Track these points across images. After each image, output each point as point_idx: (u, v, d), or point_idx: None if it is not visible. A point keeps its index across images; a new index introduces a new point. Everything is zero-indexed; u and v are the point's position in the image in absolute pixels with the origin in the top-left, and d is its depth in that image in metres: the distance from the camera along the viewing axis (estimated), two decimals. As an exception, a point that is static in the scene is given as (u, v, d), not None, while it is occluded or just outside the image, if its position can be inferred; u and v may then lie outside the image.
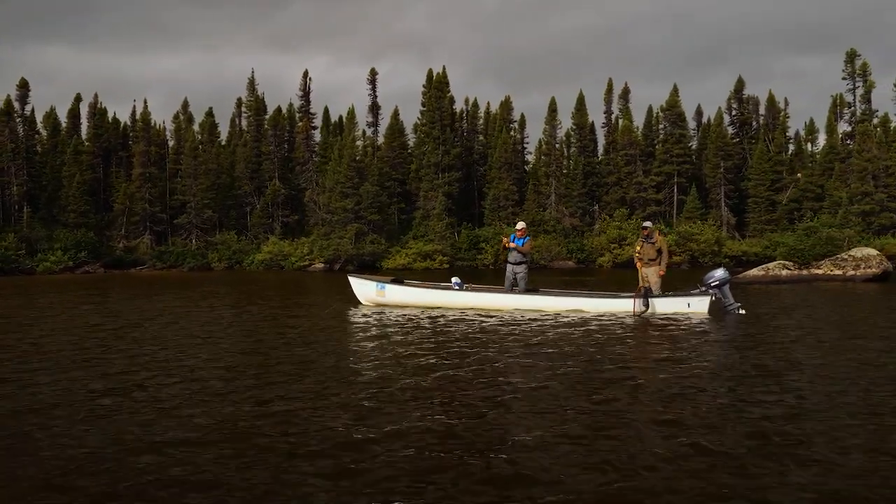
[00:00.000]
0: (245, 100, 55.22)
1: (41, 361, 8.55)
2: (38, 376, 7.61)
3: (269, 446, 5.08)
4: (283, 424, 5.64)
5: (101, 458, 4.82)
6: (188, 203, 48.62)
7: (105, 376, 7.61)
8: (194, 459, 4.79)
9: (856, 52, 48.07)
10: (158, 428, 5.56)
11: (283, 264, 44.75)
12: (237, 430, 5.51)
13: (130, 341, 10.31)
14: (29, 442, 5.24)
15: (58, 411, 6.09)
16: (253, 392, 6.82)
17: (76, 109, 54.78)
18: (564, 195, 49.92)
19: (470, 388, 6.99)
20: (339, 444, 5.12)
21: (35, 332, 11.41)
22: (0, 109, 46.69)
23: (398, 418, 5.82)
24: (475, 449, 5.02)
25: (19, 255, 39.72)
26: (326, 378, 7.47)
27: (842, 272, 25.27)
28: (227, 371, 7.92)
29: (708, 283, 13.82)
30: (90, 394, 6.76)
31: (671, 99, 50.79)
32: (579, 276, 32.50)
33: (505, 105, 55.55)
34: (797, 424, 5.57)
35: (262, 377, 7.57)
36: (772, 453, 4.87)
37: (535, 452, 4.92)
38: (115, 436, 5.36)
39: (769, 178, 48.12)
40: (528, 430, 5.46)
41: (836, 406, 6.14)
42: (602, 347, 9.49)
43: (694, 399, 6.49)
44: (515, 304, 14.52)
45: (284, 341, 10.33)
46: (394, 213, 50.44)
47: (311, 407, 6.21)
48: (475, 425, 5.63)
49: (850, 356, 8.64)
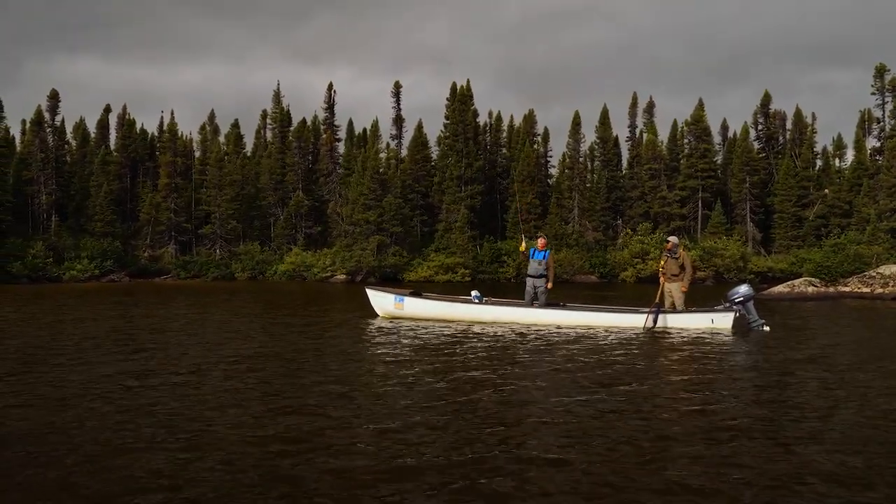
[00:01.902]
0: (270, 111, 55.70)
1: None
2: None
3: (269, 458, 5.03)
4: (283, 438, 5.59)
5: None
6: (213, 213, 49.03)
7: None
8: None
9: (885, 66, 47.41)
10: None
11: (305, 275, 44.92)
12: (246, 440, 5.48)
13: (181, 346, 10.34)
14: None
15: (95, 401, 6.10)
16: (256, 407, 6.79)
17: (105, 120, 55.51)
18: (587, 209, 49.67)
19: (482, 404, 6.89)
20: (343, 457, 5.05)
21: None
22: (31, 119, 47.48)
23: (404, 435, 5.74)
24: (482, 467, 4.93)
25: (47, 263, 40.24)
26: (333, 390, 7.41)
27: (870, 290, 24.82)
28: (228, 380, 7.90)
29: (732, 300, 13.62)
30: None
31: (696, 113, 50.46)
32: (602, 291, 32.23)
33: (528, 118, 55.51)
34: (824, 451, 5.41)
35: (265, 390, 7.53)
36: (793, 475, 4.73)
37: (546, 469, 4.82)
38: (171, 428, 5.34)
39: (796, 193, 47.57)
40: (540, 449, 5.36)
41: (863, 433, 5.98)
42: (622, 363, 9.34)
43: (712, 418, 6.35)
44: (536, 318, 14.36)
45: (295, 354, 10.29)
46: (416, 226, 50.48)
47: (314, 416, 6.15)
48: (482, 441, 5.54)
49: (877, 379, 8.43)
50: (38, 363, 9.12)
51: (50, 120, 49.66)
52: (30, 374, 8.29)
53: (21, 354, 9.93)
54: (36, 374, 8.34)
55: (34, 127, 48.44)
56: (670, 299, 14.44)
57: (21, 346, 10.78)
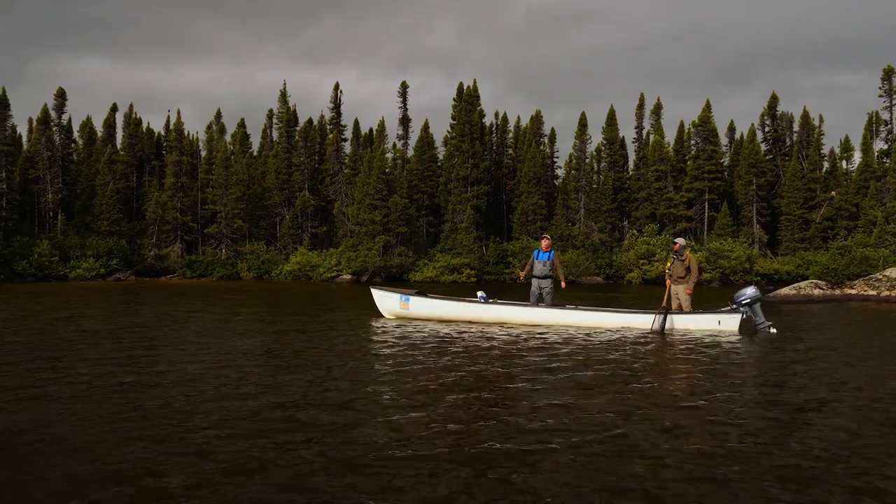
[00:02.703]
0: (276, 111, 55.79)
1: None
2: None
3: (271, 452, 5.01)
4: (282, 436, 5.57)
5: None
6: (219, 213, 49.12)
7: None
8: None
9: (893, 68, 47.24)
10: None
11: (311, 275, 44.94)
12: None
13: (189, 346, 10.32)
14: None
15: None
16: (254, 403, 6.77)
17: (111, 119, 55.60)
18: (593, 210, 49.60)
19: (486, 405, 6.85)
20: (347, 461, 5.02)
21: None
22: (37, 118, 47.63)
23: (407, 435, 5.71)
24: (485, 468, 4.90)
25: (53, 262, 40.33)
26: (338, 391, 7.38)
27: (876, 292, 24.71)
28: (229, 384, 7.88)
29: (739, 301, 13.57)
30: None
31: (703, 114, 50.33)
32: (607, 292, 32.15)
33: (535, 119, 55.48)
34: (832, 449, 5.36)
35: (266, 387, 7.51)
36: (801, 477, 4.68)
37: (549, 471, 4.79)
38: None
39: (802, 195, 47.42)
40: (539, 447, 5.33)
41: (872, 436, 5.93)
42: (628, 363, 9.30)
43: (717, 419, 6.30)
44: (542, 319, 14.32)
45: (297, 354, 10.27)
46: (422, 226, 50.47)
47: (314, 414, 6.13)
48: (485, 443, 5.51)
49: (883, 380, 8.37)
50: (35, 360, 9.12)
51: (56, 119, 49.78)
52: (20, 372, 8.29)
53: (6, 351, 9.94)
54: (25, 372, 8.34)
55: (41, 126, 48.55)
56: (677, 301, 14.40)
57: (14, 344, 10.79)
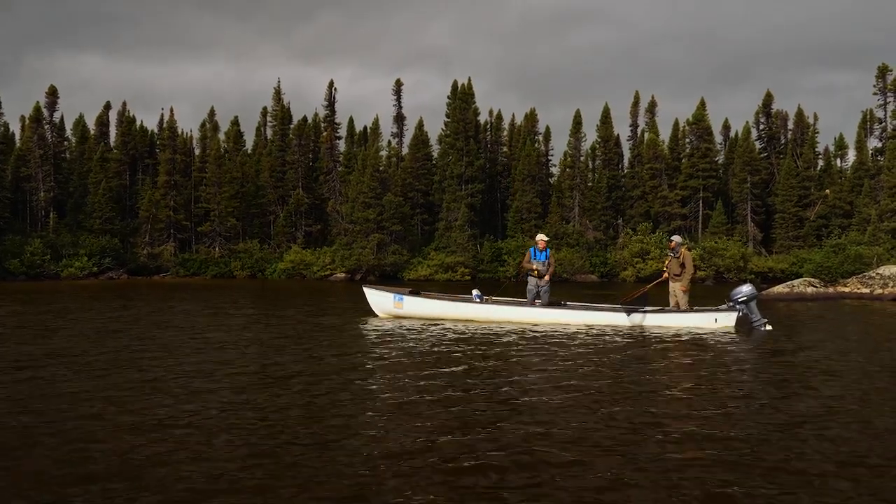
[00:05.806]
0: (271, 109, 55.52)
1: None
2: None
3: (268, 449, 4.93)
4: (279, 431, 5.48)
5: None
6: (212, 211, 48.85)
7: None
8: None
9: (887, 67, 47.26)
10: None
11: (304, 273, 44.79)
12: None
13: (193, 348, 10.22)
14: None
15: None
16: (252, 404, 6.68)
17: (104, 117, 55.20)
18: (588, 208, 49.54)
19: (483, 404, 6.78)
20: (340, 460, 4.94)
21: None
22: (30, 116, 47.33)
23: (400, 435, 5.62)
24: (484, 466, 4.82)
25: (45, 261, 40.06)
26: (329, 392, 7.30)
27: (869, 290, 24.74)
28: (228, 388, 7.79)
29: (735, 299, 13.59)
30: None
31: (698, 112, 50.30)
32: (602, 290, 32.12)
33: (530, 117, 55.36)
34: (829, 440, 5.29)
35: (259, 390, 7.42)
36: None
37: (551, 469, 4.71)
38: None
39: (797, 193, 47.46)
40: (539, 445, 5.25)
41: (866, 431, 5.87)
42: (625, 360, 9.24)
43: (714, 416, 6.24)
44: (537, 317, 14.25)
45: (289, 354, 10.18)
46: (416, 224, 50.34)
47: (307, 418, 6.04)
48: (481, 441, 5.43)
49: (877, 376, 8.32)
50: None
51: (49, 116, 49.46)
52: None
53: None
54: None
55: (33, 123, 48.24)
56: (674, 299, 14.40)
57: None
